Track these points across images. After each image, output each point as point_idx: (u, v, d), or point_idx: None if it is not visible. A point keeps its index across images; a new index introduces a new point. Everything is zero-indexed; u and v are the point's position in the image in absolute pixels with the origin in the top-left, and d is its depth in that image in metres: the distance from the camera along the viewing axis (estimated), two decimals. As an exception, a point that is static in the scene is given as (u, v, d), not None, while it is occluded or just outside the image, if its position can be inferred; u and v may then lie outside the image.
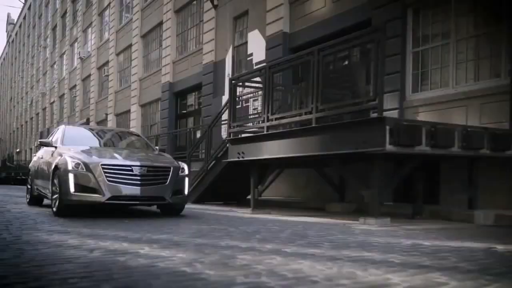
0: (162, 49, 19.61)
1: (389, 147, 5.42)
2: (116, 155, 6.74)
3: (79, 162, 6.30)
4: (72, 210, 6.45)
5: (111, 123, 25.05)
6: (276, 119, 7.29)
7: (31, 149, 46.40)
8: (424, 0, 8.90)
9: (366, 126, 5.68)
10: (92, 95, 28.97)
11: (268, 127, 7.35)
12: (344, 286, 2.34)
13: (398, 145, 5.48)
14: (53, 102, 38.48)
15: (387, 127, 5.38)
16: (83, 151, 6.77)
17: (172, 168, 6.71)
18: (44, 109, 41.81)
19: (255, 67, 13.11)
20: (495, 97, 7.37)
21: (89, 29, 30.27)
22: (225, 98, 9.26)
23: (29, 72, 49.42)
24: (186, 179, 6.98)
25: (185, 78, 17.93)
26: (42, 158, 8.20)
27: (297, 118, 6.95)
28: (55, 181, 6.60)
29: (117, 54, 25.25)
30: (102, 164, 6.27)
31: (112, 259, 3.05)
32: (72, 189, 6.18)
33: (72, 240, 3.99)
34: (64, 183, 6.26)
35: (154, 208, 7.93)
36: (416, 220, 6.79)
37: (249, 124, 8.57)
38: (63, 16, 36.81)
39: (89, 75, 29.60)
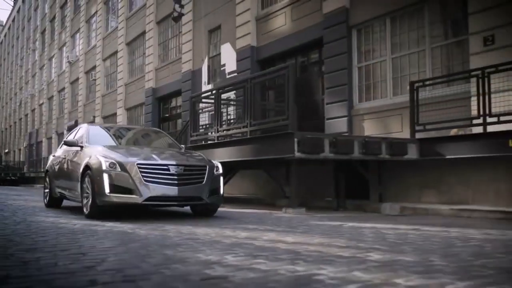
0: (146, 56, 20.87)
1: (297, 154, 7.29)
2: (151, 154, 6.44)
3: (114, 161, 6.00)
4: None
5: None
6: (224, 130, 9.20)
7: (20, 150, 47.03)
8: (365, 22, 10.68)
9: (281, 138, 7.55)
10: (80, 98, 29.93)
11: (218, 137, 9.24)
12: (209, 236, 4.26)
13: (304, 153, 7.36)
14: (42, 103, 39.12)
15: (295, 139, 7.24)
16: (114, 150, 6.50)
17: (208, 167, 6.52)
18: (33, 110, 42.32)
19: (227, 77, 14.78)
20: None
21: (77, 35, 31.22)
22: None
23: (18, 74, 49.79)
24: (221, 178, 6.80)
25: (166, 84, 19.17)
26: (64, 158, 7.80)
27: (238, 130, 8.86)
28: (86, 181, 6.31)
29: (104, 60, 26.33)
30: (137, 164, 5.98)
31: (87, 228, 4.98)
32: (107, 189, 5.90)
33: (63, 220, 5.92)
34: (98, 183, 5.97)
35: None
36: (336, 212, 8.17)
37: (206, 134, 10.45)
38: (52, 20, 37.57)
39: (77, 79, 30.53)
